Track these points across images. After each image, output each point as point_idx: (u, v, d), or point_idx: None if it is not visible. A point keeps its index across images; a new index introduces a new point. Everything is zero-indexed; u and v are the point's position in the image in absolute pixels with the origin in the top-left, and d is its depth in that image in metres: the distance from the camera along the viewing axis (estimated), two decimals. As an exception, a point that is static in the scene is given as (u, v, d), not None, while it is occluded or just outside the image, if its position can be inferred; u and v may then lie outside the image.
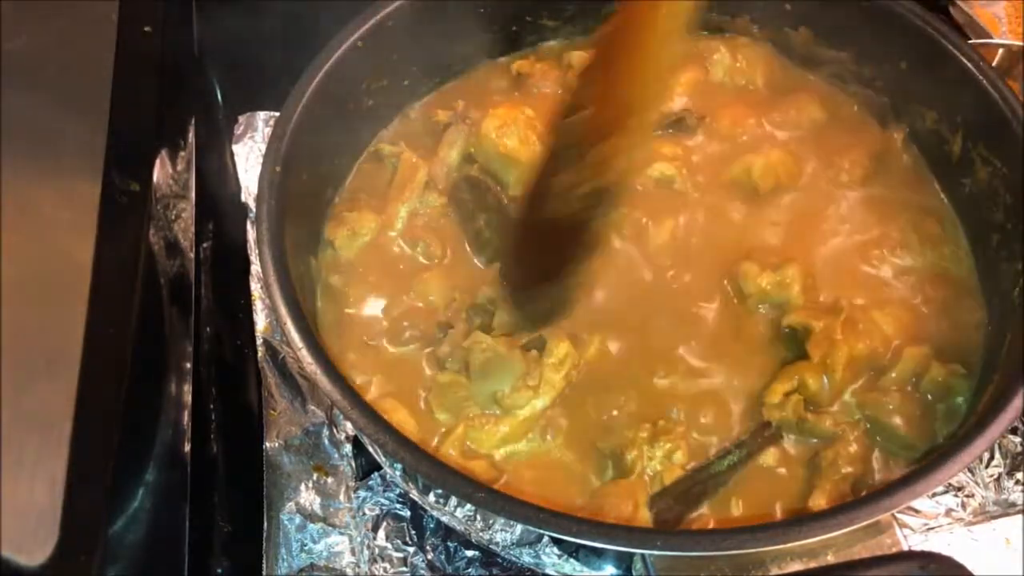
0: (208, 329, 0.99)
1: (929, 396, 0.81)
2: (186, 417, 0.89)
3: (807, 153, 0.96)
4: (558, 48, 1.05)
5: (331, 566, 0.85)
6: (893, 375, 0.81)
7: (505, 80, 1.02)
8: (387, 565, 0.84)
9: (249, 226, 1.03)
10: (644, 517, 0.73)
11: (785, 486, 0.78)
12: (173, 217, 1.01)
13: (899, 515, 0.80)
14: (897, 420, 0.79)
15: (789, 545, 0.66)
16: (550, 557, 0.76)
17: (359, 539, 0.86)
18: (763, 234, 0.91)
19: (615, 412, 0.80)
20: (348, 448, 0.90)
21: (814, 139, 0.98)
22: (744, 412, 0.81)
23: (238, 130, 1.11)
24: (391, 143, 0.96)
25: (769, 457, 0.79)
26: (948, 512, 0.88)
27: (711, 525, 0.75)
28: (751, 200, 0.93)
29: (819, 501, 0.75)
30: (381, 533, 0.86)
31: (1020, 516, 0.88)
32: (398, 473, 0.78)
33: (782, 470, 0.79)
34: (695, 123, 0.98)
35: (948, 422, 0.80)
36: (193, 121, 1.10)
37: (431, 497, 0.76)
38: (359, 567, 0.85)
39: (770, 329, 0.85)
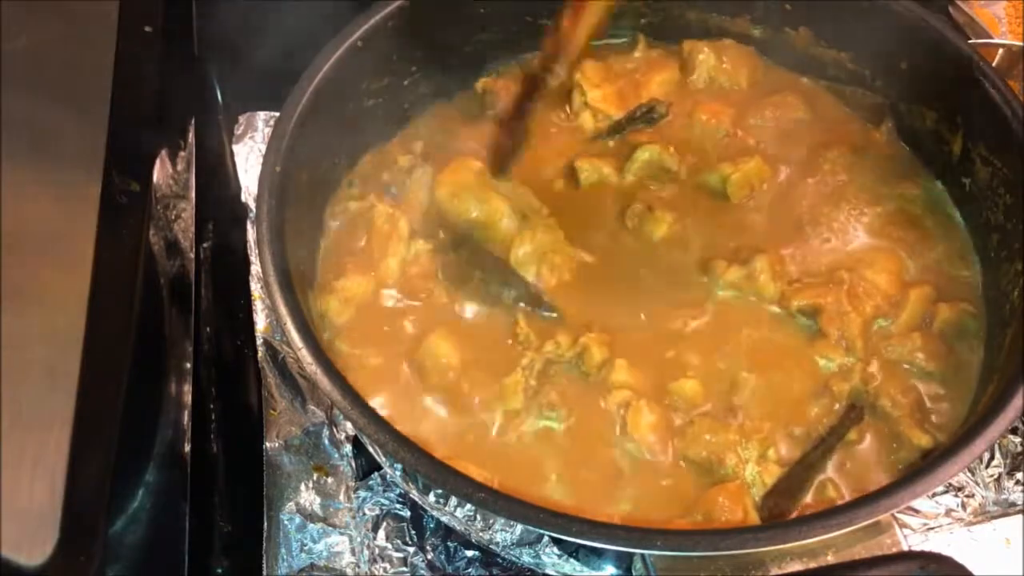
0: (208, 329, 0.99)
1: (946, 333, 0.84)
2: (186, 417, 0.89)
3: (786, 150, 0.97)
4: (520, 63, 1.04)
5: (331, 566, 0.85)
6: (905, 318, 0.84)
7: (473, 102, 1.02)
8: (387, 565, 0.84)
9: (249, 226, 1.03)
10: (754, 518, 0.74)
11: (871, 456, 0.79)
12: (173, 217, 1.01)
13: (899, 515, 0.80)
14: (921, 356, 0.83)
15: (789, 545, 0.66)
16: (550, 557, 0.76)
17: (359, 539, 0.86)
18: (739, 228, 0.92)
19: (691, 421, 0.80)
20: (348, 448, 0.90)
21: (795, 136, 0.98)
22: (812, 395, 0.82)
23: (238, 130, 1.11)
24: (359, 198, 0.93)
25: (851, 434, 0.80)
26: (948, 512, 0.87)
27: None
28: (725, 199, 0.93)
29: (921, 441, 0.78)
30: (381, 533, 0.86)
31: (1020, 516, 0.88)
32: (398, 473, 0.78)
33: (863, 444, 0.80)
34: (664, 111, 0.99)
35: (971, 354, 0.84)
36: (193, 121, 1.10)
37: (431, 497, 0.76)
38: (359, 567, 0.85)
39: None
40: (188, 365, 0.93)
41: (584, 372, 0.82)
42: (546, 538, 0.75)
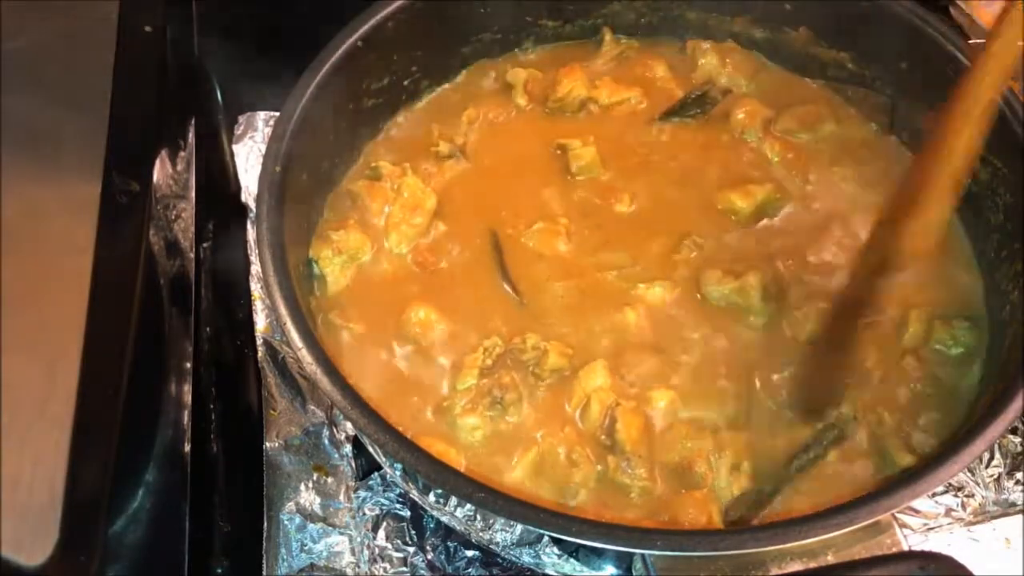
0: (208, 329, 0.99)
1: (942, 355, 0.84)
2: (186, 417, 0.89)
3: (797, 162, 0.96)
4: (493, 65, 1.04)
5: (331, 566, 0.85)
6: (905, 338, 0.84)
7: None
8: (387, 565, 0.84)
9: (249, 226, 1.03)
10: (718, 525, 0.74)
11: (851, 475, 0.78)
12: (173, 217, 1.01)
13: (899, 515, 0.80)
14: (916, 377, 0.82)
15: (789, 545, 0.66)
16: (550, 557, 0.76)
17: (359, 539, 0.86)
18: (744, 241, 0.91)
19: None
20: (348, 448, 0.90)
21: (806, 149, 0.97)
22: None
23: (238, 130, 1.11)
24: (393, 162, 0.93)
25: (831, 454, 0.79)
26: (948, 512, 0.88)
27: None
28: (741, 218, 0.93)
29: (905, 461, 0.77)
30: (381, 533, 0.86)
31: (1020, 516, 0.88)
32: (398, 473, 0.78)
33: (844, 462, 0.79)
34: (719, 97, 0.98)
35: (966, 378, 0.83)
36: (193, 121, 1.10)
37: (431, 497, 0.76)
38: (359, 567, 0.85)
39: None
40: (188, 365, 0.92)
41: (537, 375, 0.81)
42: (546, 538, 0.75)
